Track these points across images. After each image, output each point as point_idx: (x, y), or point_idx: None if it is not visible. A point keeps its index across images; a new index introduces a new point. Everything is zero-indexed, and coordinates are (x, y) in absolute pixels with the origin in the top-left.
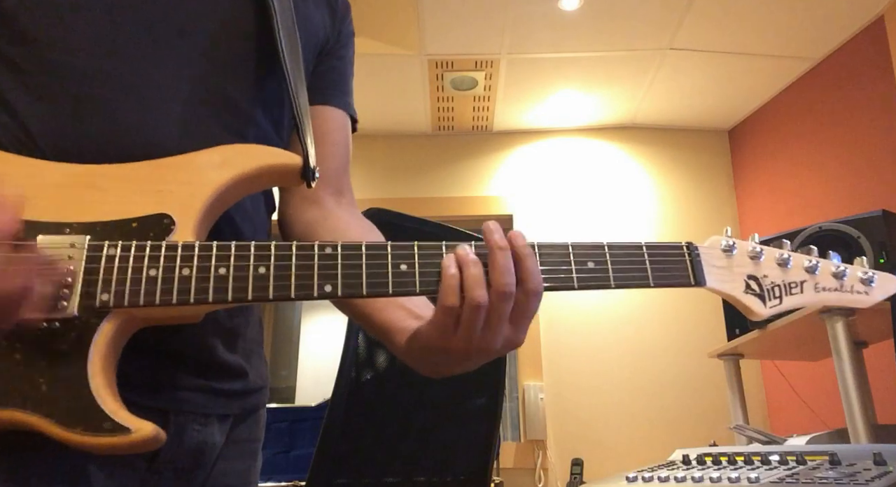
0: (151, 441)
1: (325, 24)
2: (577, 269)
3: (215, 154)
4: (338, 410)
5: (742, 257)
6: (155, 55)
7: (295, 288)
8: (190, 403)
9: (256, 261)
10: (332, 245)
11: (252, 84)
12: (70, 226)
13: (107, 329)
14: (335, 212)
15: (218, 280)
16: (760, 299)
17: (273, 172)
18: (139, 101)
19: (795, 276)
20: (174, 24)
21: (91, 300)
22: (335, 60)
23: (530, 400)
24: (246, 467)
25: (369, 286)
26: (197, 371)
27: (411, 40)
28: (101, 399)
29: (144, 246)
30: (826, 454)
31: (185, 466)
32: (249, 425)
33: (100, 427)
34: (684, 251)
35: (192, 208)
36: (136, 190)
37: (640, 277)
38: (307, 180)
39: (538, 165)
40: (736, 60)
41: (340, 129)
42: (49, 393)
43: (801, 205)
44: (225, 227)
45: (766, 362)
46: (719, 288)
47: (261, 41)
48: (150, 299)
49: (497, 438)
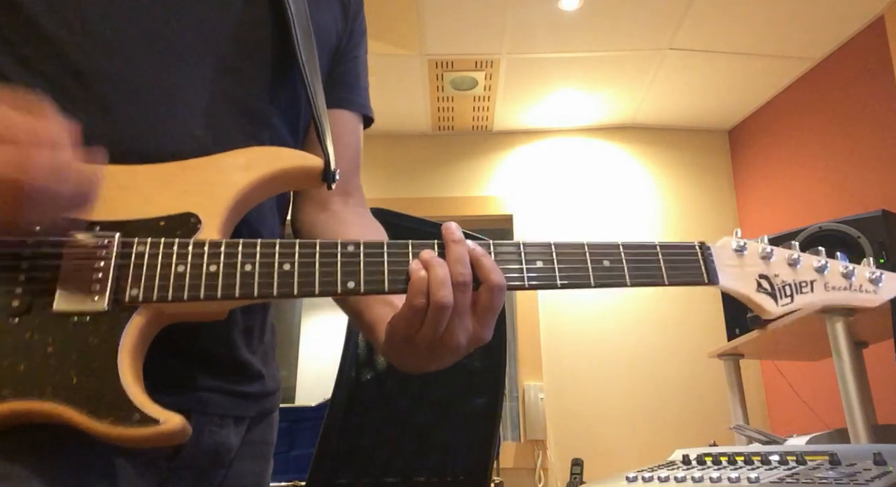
0: (179, 433)
1: (338, 24)
2: (593, 267)
3: (240, 156)
4: (338, 410)
5: (753, 257)
6: (177, 59)
7: (319, 284)
8: (210, 404)
9: (281, 259)
10: (354, 243)
11: (269, 87)
12: (100, 223)
13: (136, 323)
14: (339, 215)
15: (244, 276)
16: (772, 298)
17: (295, 174)
18: (164, 104)
19: (805, 276)
20: (195, 29)
21: (121, 295)
22: (349, 62)
23: (530, 400)
24: (260, 469)
25: (391, 282)
26: (218, 371)
27: (411, 40)
28: (130, 391)
29: (172, 243)
30: (826, 454)
31: (202, 466)
32: (264, 427)
33: (129, 419)
34: (697, 250)
35: (217, 208)
36: (163, 190)
37: (655, 275)
38: (328, 182)
39: (538, 165)
40: (736, 60)
41: (351, 132)
42: (80, 385)
43: (801, 205)
44: (242, 228)
45: (766, 362)
46: (732, 286)
47: (278, 45)
48: (178, 294)
49: (497, 438)
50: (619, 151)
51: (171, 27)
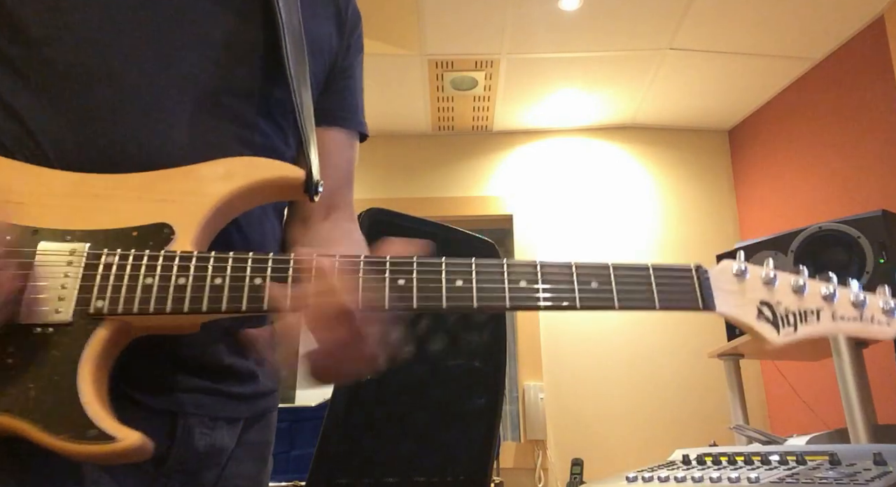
0: (137, 451)
1: (333, 39)
2: (580, 289)
3: (219, 166)
4: (338, 410)
5: (755, 282)
6: (162, 63)
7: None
8: (197, 406)
9: (253, 273)
10: (330, 256)
11: (258, 93)
12: (72, 233)
13: (100, 335)
14: (319, 232)
15: (213, 289)
16: (774, 326)
17: (276, 185)
18: (146, 109)
19: (812, 304)
20: (182, 33)
21: (86, 306)
22: (346, 79)
23: (530, 400)
24: (257, 470)
25: (364, 300)
26: (205, 374)
27: (411, 40)
28: (88, 406)
29: (142, 254)
30: (826, 454)
31: (194, 469)
32: (260, 428)
33: (84, 435)
34: (693, 274)
35: (193, 219)
36: (138, 199)
37: (646, 299)
38: (310, 194)
39: (538, 165)
40: (736, 60)
41: (343, 151)
42: (38, 399)
43: (801, 205)
44: (233, 233)
45: (766, 362)
46: (730, 313)
47: (267, 51)
48: (143, 307)
49: (497, 438)
50: (619, 151)
51: (159, 30)
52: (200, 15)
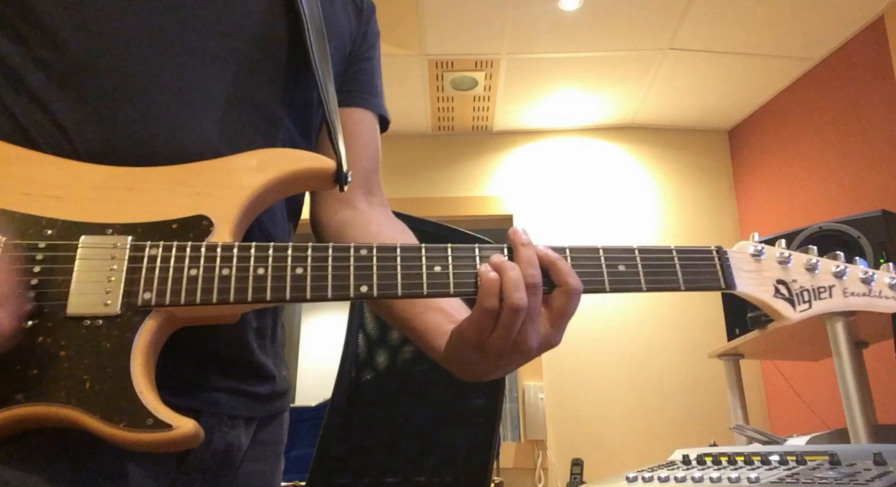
0: (192, 437)
1: (352, 26)
2: (608, 272)
3: (252, 158)
4: (338, 410)
5: (771, 262)
6: (190, 58)
7: (332, 288)
8: (220, 405)
9: (294, 262)
10: (367, 246)
11: (282, 88)
12: (112, 226)
13: (148, 327)
14: (367, 213)
15: (257, 280)
16: (790, 303)
17: (307, 176)
18: (176, 104)
19: (824, 281)
20: (209, 29)
21: (133, 298)
22: (364, 62)
23: (530, 400)
24: (269, 469)
25: (404, 287)
26: (230, 372)
27: (411, 40)
28: (143, 396)
29: (185, 246)
30: (826, 454)
31: (211, 467)
32: (274, 428)
33: (142, 424)
34: (714, 255)
35: (229, 210)
36: (175, 192)
37: (671, 280)
38: (340, 183)
39: (538, 165)
40: (736, 60)
41: (370, 131)
42: (93, 390)
43: (801, 205)
44: (254, 229)
45: (766, 362)
46: (749, 292)
47: (292, 46)
48: (190, 298)
49: (497, 438)
50: (619, 151)
51: (186, 26)
52: (225, 6)
